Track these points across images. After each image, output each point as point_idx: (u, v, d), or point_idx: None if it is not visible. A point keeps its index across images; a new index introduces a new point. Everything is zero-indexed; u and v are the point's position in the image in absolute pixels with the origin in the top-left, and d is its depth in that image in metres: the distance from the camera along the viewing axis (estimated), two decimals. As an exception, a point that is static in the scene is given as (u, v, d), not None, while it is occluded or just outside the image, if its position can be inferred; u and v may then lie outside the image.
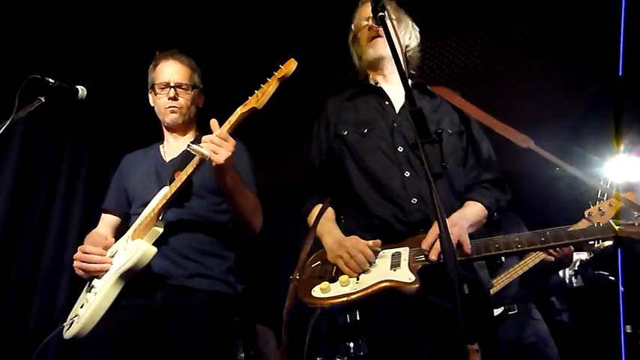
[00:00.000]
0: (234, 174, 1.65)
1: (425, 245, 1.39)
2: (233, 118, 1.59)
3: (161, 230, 1.70)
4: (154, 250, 1.65)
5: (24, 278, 2.97)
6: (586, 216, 2.23)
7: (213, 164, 1.54)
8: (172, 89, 1.89)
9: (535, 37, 3.58)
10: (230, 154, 1.53)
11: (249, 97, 1.58)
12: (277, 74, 1.56)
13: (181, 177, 1.66)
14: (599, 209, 2.20)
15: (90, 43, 3.22)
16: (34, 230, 3.11)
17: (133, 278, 1.65)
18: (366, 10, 1.76)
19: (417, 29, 1.84)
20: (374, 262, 1.44)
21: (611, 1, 2.80)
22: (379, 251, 1.47)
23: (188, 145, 1.59)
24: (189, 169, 1.64)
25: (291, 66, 1.56)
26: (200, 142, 1.56)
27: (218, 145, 1.53)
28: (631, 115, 3.21)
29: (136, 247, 1.63)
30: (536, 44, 3.66)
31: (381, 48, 1.71)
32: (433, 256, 1.35)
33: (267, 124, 4.25)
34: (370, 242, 1.46)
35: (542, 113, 4.49)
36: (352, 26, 1.86)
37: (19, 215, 3.02)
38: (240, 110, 1.58)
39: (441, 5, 3.21)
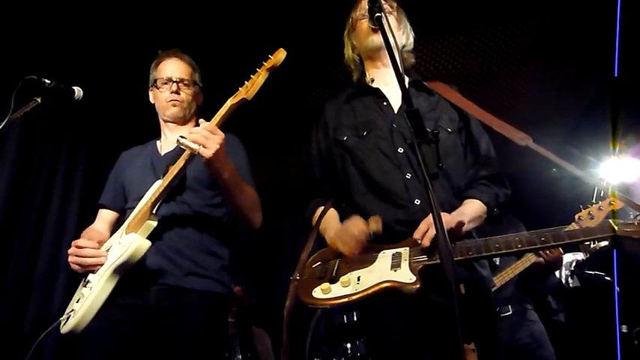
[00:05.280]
0: (230, 168, 1.64)
1: (417, 234, 1.40)
2: (224, 110, 1.61)
3: (155, 224, 1.69)
4: (148, 243, 1.64)
5: (21, 278, 2.96)
6: (576, 220, 2.22)
7: (203, 159, 1.54)
8: (175, 84, 1.92)
9: (531, 39, 3.60)
10: (218, 146, 1.53)
11: (239, 89, 1.61)
12: (266, 64, 1.59)
13: (173, 170, 1.66)
14: (589, 213, 2.19)
15: (86, 44, 3.22)
16: (30, 230, 3.10)
17: (128, 274, 1.65)
18: (364, 1, 1.72)
19: (412, 33, 1.83)
20: (373, 257, 1.44)
21: (607, 2, 2.82)
22: (378, 228, 1.46)
23: (177, 140, 1.59)
24: (181, 162, 1.64)
25: (279, 56, 1.59)
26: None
27: (205, 137, 1.53)
28: (628, 116, 3.22)
29: (130, 241, 1.62)
30: (532, 46, 3.67)
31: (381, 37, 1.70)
32: (426, 242, 1.36)
33: (266, 125, 4.25)
34: (370, 218, 1.47)
35: (539, 114, 4.51)
36: (350, 17, 1.83)
37: (15, 215, 3.01)
38: (230, 102, 1.61)
39: (437, 7, 3.22)
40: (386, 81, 1.76)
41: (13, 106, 1.75)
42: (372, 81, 1.78)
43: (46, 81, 1.84)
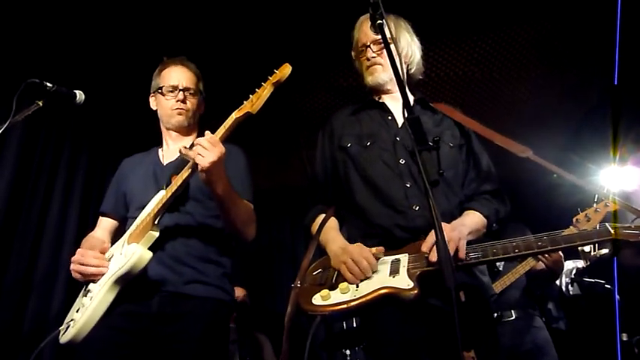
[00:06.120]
0: (225, 182, 1.64)
1: (425, 247, 1.40)
2: (228, 123, 1.61)
3: (157, 234, 1.69)
4: (150, 254, 1.64)
5: (19, 283, 2.95)
6: (574, 222, 2.24)
7: (198, 168, 1.55)
8: (181, 92, 1.93)
9: (532, 46, 3.61)
10: (216, 158, 1.53)
11: (244, 102, 1.61)
12: (272, 79, 1.60)
13: (177, 181, 1.66)
14: (586, 215, 2.20)
15: (89, 48, 3.22)
16: (30, 232, 3.09)
17: (130, 283, 1.64)
18: (362, 36, 1.81)
19: (418, 43, 1.86)
20: (375, 269, 1.45)
21: (608, 10, 2.83)
22: (380, 258, 1.48)
23: (180, 151, 1.58)
24: (185, 173, 1.64)
25: (285, 70, 1.60)
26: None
27: (205, 148, 1.53)
28: (628, 124, 3.23)
29: (132, 252, 1.62)
30: (533, 53, 3.68)
31: (378, 75, 1.77)
32: (433, 258, 1.36)
33: (267, 130, 4.25)
34: (373, 249, 1.48)
35: (540, 121, 4.51)
36: (352, 50, 1.91)
37: (15, 219, 3.00)
38: (234, 115, 1.61)
39: (438, 14, 3.23)
40: (392, 98, 1.82)
41: (15, 109, 1.75)
42: (380, 98, 1.84)
43: (48, 84, 1.84)
